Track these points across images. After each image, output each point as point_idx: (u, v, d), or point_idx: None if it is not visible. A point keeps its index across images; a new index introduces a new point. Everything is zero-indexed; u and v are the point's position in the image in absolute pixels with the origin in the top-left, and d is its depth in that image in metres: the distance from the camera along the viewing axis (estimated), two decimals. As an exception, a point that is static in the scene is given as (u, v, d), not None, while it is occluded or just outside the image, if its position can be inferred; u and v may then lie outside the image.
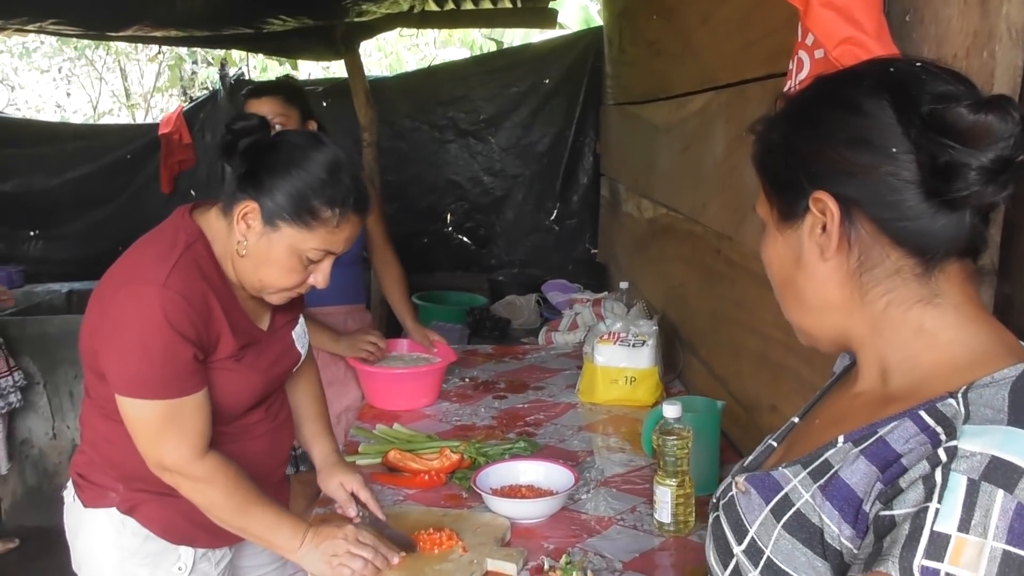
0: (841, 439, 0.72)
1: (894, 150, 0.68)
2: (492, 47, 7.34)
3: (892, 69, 0.71)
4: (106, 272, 1.38)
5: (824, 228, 0.73)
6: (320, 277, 1.40)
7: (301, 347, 1.56)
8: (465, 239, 4.65)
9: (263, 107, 2.29)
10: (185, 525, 1.45)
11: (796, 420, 0.89)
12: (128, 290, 1.30)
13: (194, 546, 1.48)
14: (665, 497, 1.50)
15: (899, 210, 0.69)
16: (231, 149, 1.34)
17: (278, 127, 2.24)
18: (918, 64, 0.72)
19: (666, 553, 1.47)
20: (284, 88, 2.42)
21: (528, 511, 1.57)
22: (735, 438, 1.90)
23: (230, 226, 1.36)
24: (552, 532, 1.53)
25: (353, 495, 1.55)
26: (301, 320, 1.58)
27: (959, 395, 0.66)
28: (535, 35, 5.33)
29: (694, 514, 1.52)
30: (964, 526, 0.58)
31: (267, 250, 1.34)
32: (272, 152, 1.34)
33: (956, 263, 0.71)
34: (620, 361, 2.18)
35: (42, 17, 3.02)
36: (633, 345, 2.19)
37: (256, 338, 1.44)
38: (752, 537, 0.75)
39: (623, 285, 2.94)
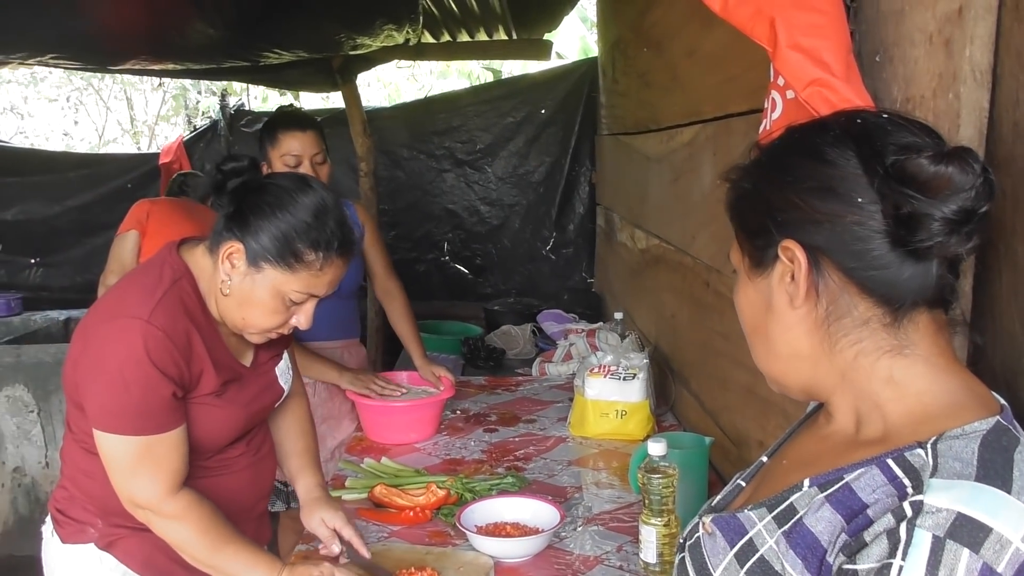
0: (807, 483, 0.71)
1: (859, 200, 0.68)
2: (490, 77, 7.41)
3: (859, 120, 0.72)
4: (92, 305, 1.38)
5: (793, 277, 0.73)
6: (303, 318, 1.40)
7: (284, 383, 1.56)
8: (461, 268, 4.66)
9: (307, 140, 2.19)
10: (164, 561, 1.43)
11: (765, 459, 0.88)
12: (112, 324, 1.31)
13: (172, 584, 1.46)
14: (651, 536, 1.48)
15: (866, 259, 0.69)
16: (220, 188, 1.36)
17: (318, 162, 2.19)
18: (885, 115, 0.72)
19: (652, 593, 1.45)
20: (317, 123, 2.30)
21: (512, 550, 1.54)
22: (726, 474, 1.87)
23: (215, 264, 1.37)
24: (536, 571, 1.51)
25: (336, 532, 1.53)
26: (286, 356, 1.57)
27: (928, 445, 0.65)
28: (532, 65, 5.38)
29: (680, 553, 1.50)
30: None
31: (250, 290, 1.35)
32: (259, 193, 1.35)
33: (926, 314, 0.71)
34: (611, 394, 2.16)
35: (43, 52, 3.05)
36: (624, 378, 2.17)
37: (238, 374, 1.44)
38: None
39: (617, 315, 2.92)
